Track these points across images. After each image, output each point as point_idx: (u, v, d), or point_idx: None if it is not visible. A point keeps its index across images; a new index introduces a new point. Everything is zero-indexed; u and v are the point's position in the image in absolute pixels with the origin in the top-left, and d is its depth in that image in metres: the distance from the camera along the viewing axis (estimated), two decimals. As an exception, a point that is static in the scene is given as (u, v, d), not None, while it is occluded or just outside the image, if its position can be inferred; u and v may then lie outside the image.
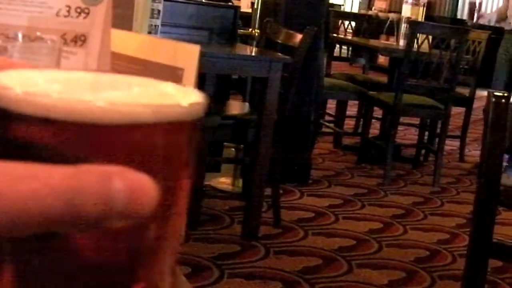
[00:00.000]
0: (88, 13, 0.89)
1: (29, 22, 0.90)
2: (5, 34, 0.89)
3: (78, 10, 0.90)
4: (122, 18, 4.11)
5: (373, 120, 6.94)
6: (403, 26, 6.92)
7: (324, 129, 7.17)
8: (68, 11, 0.90)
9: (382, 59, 12.04)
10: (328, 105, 7.52)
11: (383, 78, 7.86)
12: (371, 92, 6.57)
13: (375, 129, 7.17)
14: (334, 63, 7.74)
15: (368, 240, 4.62)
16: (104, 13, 0.89)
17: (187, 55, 0.93)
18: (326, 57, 6.77)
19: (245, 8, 8.39)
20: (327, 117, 7.44)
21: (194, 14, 4.86)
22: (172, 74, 0.93)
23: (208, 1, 5.69)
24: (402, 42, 6.86)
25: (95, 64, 0.88)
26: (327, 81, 6.49)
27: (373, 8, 16.16)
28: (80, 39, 0.89)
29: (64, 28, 0.89)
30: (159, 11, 4.42)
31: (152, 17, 4.35)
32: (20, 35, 0.87)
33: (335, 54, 8.05)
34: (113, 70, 0.97)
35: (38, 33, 0.85)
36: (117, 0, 3.41)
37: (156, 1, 4.37)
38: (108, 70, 0.94)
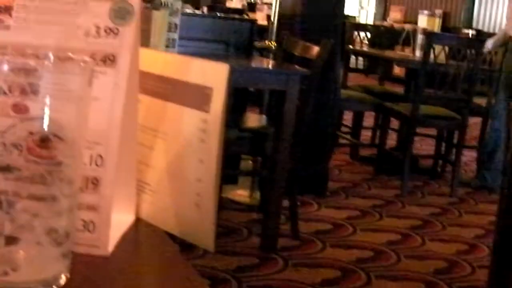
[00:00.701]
0: (117, 33, 0.90)
1: (58, 42, 0.91)
2: (35, 54, 0.90)
3: (107, 29, 0.91)
4: (141, 32, 4.11)
5: (389, 131, 6.94)
6: (419, 37, 6.92)
7: (341, 141, 7.16)
8: (97, 31, 0.91)
9: (397, 70, 12.01)
10: (345, 117, 7.51)
11: (399, 89, 7.86)
12: (388, 103, 6.55)
13: (391, 139, 7.16)
14: (350, 74, 7.74)
15: (387, 251, 4.61)
16: (133, 32, 0.90)
17: (216, 74, 0.94)
18: (342, 69, 6.78)
19: (261, 20, 8.42)
20: (343, 129, 7.43)
21: (211, 28, 4.88)
22: (201, 93, 0.94)
23: (225, 15, 5.71)
24: (418, 53, 6.87)
25: (125, 84, 0.89)
26: (343, 92, 6.49)
27: (388, 19, 16.16)
28: (109, 59, 0.89)
29: (94, 48, 0.90)
30: (176, 25, 4.45)
31: (169, 30, 4.37)
32: (51, 56, 0.88)
33: (350, 66, 8.05)
34: (142, 90, 0.98)
35: (70, 54, 0.86)
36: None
37: (174, 15, 4.39)
38: (137, 89, 0.95)
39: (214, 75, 0.94)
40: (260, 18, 8.48)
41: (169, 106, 0.99)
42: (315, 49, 4.31)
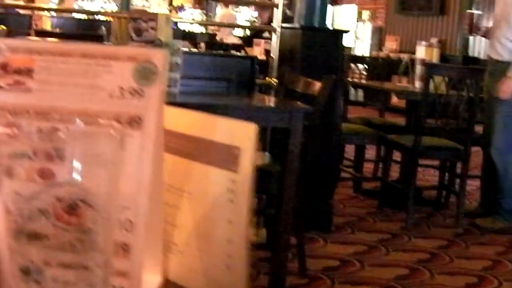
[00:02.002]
0: (142, 94, 0.88)
1: (82, 104, 0.89)
2: (59, 117, 0.88)
3: (132, 91, 0.88)
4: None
5: (392, 163, 6.92)
6: (418, 68, 6.91)
7: (343, 174, 7.13)
8: (122, 92, 0.89)
9: (395, 100, 12.02)
10: (346, 149, 7.49)
11: (399, 119, 7.85)
12: (390, 136, 6.53)
13: (394, 171, 7.14)
14: (349, 106, 7.74)
15: (395, 286, 4.57)
16: (158, 93, 0.88)
17: (244, 134, 0.92)
18: (342, 102, 6.77)
19: (259, 55, 8.41)
20: (345, 162, 7.41)
21: (211, 65, 4.86)
22: (229, 153, 0.92)
23: (225, 52, 5.70)
24: (418, 84, 6.85)
25: (152, 146, 0.86)
26: (344, 126, 6.47)
27: (384, 49, 16.20)
28: (135, 121, 0.87)
29: (118, 110, 0.88)
30: (177, 64, 4.43)
31: (171, 70, 4.36)
32: (76, 119, 0.86)
33: (349, 98, 8.05)
34: (166, 148, 0.96)
35: (95, 117, 0.84)
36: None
37: (175, 54, 4.38)
38: (163, 149, 0.93)
39: (241, 134, 0.92)
40: (257, 52, 8.46)
41: (195, 165, 0.97)
42: (318, 85, 4.30)
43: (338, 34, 5.69)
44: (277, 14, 5.34)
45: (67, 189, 0.83)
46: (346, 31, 5.82)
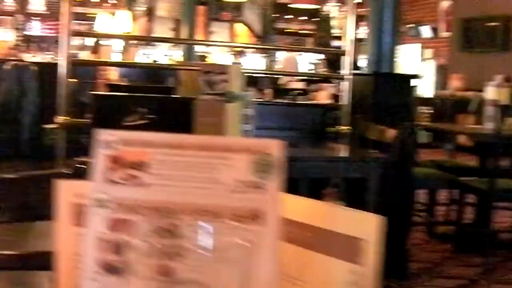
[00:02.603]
0: (261, 187, 0.86)
1: (199, 199, 0.87)
2: (176, 213, 0.86)
3: (251, 184, 0.86)
4: (215, 125, 4.10)
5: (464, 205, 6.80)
6: (489, 109, 6.80)
7: (416, 218, 7.02)
8: (240, 186, 0.86)
9: (463, 139, 11.85)
10: (417, 191, 7.38)
11: (468, 159, 7.73)
12: (463, 179, 6.43)
13: (468, 213, 7.01)
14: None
15: (478, 336, 4.46)
16: (277, 185, 0.85)
17: (367, 225, 0.88)
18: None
19: (325, 100, 8.40)
20: (417, 206, 7.30)
21: (282, 115, 4.85)
22: (351, 244, 0.89)
23: (294, 99, 5.69)
24: (488, 125, 6.74)
25: (274, 241, 0.84)
26: (415, 170, 6.39)
27: (449, 88, 16.04)
28: (256, 216, 0.84)
29: (237, 204, 0.85)
30: (250, 116, 4.43)
31: (243, 122, 4.35)
32: (197, 217, 0.83)
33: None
34: (285, 238, 0.92)
35: (219, 215, 0.81)
36: (210, 109, 3.41)
37: (247, 106, 4.37)
38: (280, 241, 0.90)
39: (364, 225, 0.88)
40: (324, 97, 8.46)
41: (313, 255, 0.93)
42: (391, 132, 4.25)
43: (408, 79, 5.64)
44: (347, 61, 5.30)
45: (188, 287, 0.80)
46: (417, 76, 5.78)
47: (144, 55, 15.59)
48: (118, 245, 0.90)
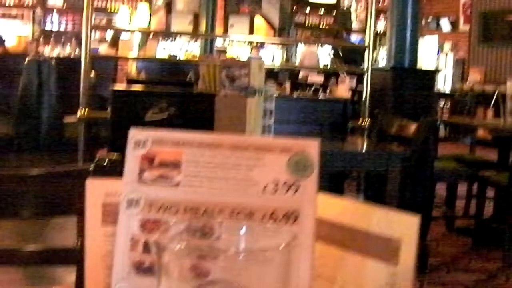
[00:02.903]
0: (297, 188, 0.84)
1: (234, 199, 0.85)
2: (209, 214, 0.85)
3: (287, 184, 0.85)
4: (236, 120, 4.09)
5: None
6: (510, 104, 6.76)
7: (435, 213, 6.99)
8: (276, 186, 0.85)
9: (481, 133, 11.82)
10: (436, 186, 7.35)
11: (487, 153, 7.69)
12: (483, 173, 6.40)
13: (487, 206, 6.97)
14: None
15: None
16: (314, 186, 0.84)
17: (405, 225, 0.87)
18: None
19: (344, 93, 8.36)
20: (436, 200, 7.27)
21: (303, 109, 4.84)
22: (387, 245, 0.87)
23: (314, 96, 5.67)
24: (508, 119, 6.70)
25: (310, 243, 0.82)
26: (436, 164, 6.36)
27: (467, 81, 15.96)
28: (291, 216, 0.83)
29: (273, 204, 0.84)
30: (271, 111, 4.41)
31: (264, 117, 4.33)
32: (232, 217, 0.82)
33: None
34: (321, 239, 0.91)
35: (254, 216, 0.80)
36: (230, 103, 3.40)
37: (268, 101, 4.36)
38: (315, 241, 0.88)
39: (402, 225, 0.87)
40: (343, 91, 8.41)
41: (348, 255, 0.92)
42: (413, 127, 4.23)
43: (429, 74, 5.62)
44: (368, 56, 5.28)
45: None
46: (438, 71, 5.75)
47: (162, 50, 15.59)
48: (150, 245, 0.89)
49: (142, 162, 0.91)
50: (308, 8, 18.94)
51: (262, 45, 17.12)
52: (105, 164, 1.59)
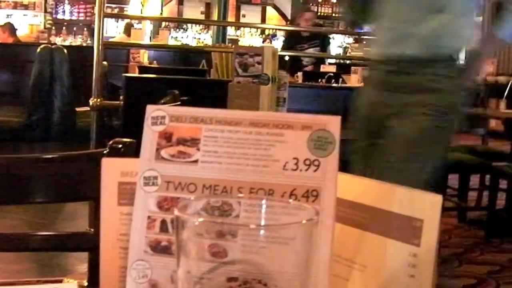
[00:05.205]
0: (318, 165, 0.83)
1: (253, 177, 0.84)
2: (228, 192, 0.83)
3: (307, 162, 0.83)
4: (248, 108, 4.07)
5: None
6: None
7: (447, 204, 6.97)
8: (296, 164, 0.83)
9: (494, 124, 11.76)
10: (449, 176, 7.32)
11: (500, 144, 7.66)
12: (495, 164, 6.37)
13: (500, 198, 6.94)
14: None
15: (511, 322, 4.42)
16: (335, 164, 0.82)
17: (427, 205, 0.85)
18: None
19: (355, 83, 8.32)
20: (448, 191, 7.24)
21: (316, 98, 4.82)
22: (409, 225, 0.86)
23: (327, 83, 5.65)
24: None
25: (331, 222, 0.81)
26: (448, 155, 6.33)
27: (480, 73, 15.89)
28: (312, 195, 0.82)
29: (293, 182, 0.82)
30: (284, 99, 4.39)
31: (277, 105, 4.31)
32: (251, 195, 0.80)
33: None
34: (341, 219, 0.90)
35: (274, 193, 0.79)
36: (243, 91, 3.38)
37: (281, 89, 4.33)
38: (338, 222, 0.87)
39: (424, 205, 0.85)
40: (355, 81, 8.37)
41: (368, 236, 0.90)
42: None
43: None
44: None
45: (240, 268, 0.78)
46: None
47: (173, 39, 15.57)
48: (168, 224, 0.88)
49: (159, 139, 0.89)
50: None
51: (274, 35, 17.08)
52: (120, 147, 1.58)
